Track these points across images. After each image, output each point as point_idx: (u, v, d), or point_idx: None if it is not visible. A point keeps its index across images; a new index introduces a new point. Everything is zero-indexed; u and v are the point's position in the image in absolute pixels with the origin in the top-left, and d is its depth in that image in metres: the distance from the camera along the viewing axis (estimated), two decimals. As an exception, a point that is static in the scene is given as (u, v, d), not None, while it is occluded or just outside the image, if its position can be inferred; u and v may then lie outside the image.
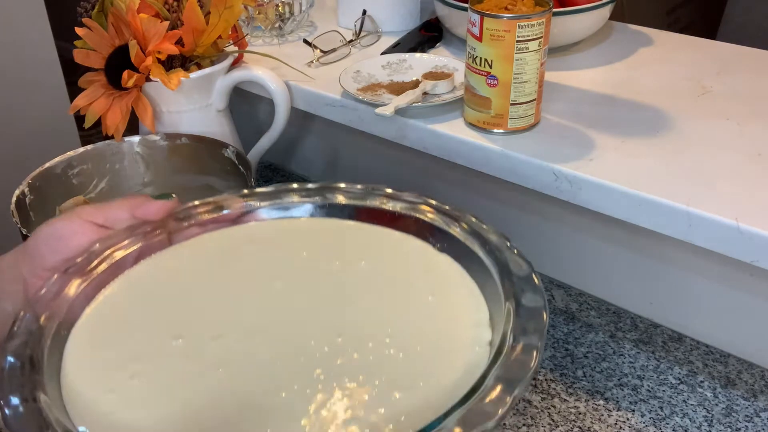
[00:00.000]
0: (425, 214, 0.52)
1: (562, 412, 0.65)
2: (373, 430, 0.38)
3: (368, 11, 0.92)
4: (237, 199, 0.54)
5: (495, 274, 0.45)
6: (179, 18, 0.74)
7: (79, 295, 0.46)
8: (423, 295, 0.47)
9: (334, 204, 0.54)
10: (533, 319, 0.41)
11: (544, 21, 0.64)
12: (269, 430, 0.39)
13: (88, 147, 0.76)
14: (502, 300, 0.43)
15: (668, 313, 0.74)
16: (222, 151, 0.76)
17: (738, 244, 0.56)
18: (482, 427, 0.35)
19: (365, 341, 0.43)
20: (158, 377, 0.42)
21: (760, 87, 0.76)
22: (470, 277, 0.48)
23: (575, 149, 0.66)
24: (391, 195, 0.54)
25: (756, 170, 0.62)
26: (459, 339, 0.44)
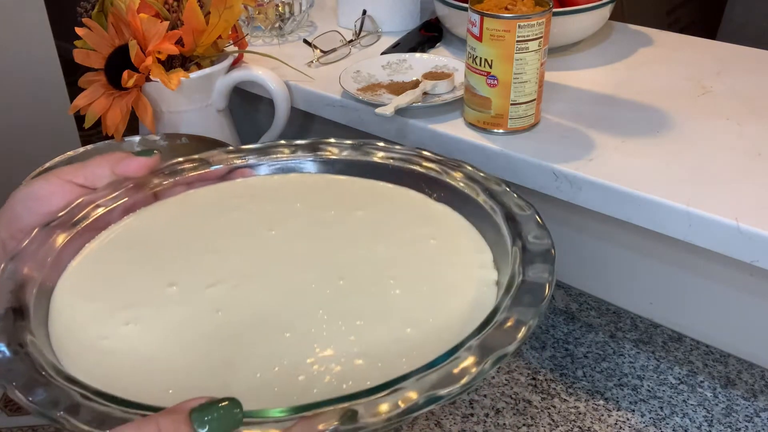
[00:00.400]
0: (420, 164, 0.50)
1: (562, 412, 0.65)
2: (386, 364, 0.37)
3: (368, 11, 0.92)
4: (224, 155, 0.52)
5: (499, 217, 0.44)
6: (179, 18, 0.74)
7: (63, 248, 0.44)
8: (424, 239, 0.46)
9: (326, 159, 0.52)
10: (541, 255, 0.40)
11: (544, 21, 0.64)
12: (276, 368, 0.37)
13: (88, 147, 0.76)
14: (508, 242, 0.42)
15: (668, 313, 0.74)
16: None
17: (738, 244, 0.56)
18: (502, 351, 0.34)
19: (369, 283, 0.42)
20: (154, 322, 0.41)
21: (760, 87, 0.76)
22: (471, 224, 0.47)
23: (575, 149, 0.66)
24: (384, 148, 0.52)
25: (756, 170, 0.62)
26: (465, 279, 0.43)
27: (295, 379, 0.37)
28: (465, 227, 0.47)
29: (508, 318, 0.36)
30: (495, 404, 0.66)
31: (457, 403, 0.66)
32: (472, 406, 0.66)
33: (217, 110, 0.81)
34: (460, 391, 0.32)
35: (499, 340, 0.35)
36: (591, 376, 0.68)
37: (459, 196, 0.48)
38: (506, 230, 0.43)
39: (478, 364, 0.33)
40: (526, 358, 0.71)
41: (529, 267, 0.39)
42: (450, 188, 0.49)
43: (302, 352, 0.38)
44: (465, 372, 0.33)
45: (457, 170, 0.49)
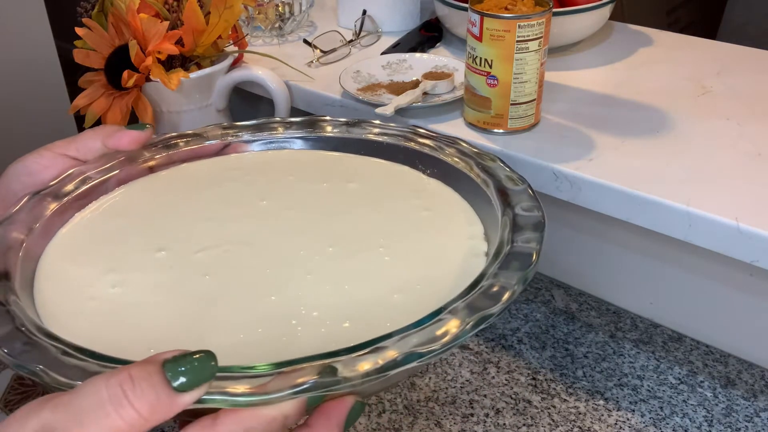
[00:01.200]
0: (414, 141, 0.51)
1: (562, 412, 0.65)
2: (371, 327, 0.37)
3: (368, 11, 0.92)
4: (218, 130, 0.53)
5: (491, 190, 0.45)
6: (179, 18, 0.74)
7: (53, 215, 0.44)
8: (415, 210, 0.47)
9: (320, 136, 0.53)
10: (532, 225, 0.40)
11: (544, 21, 0.64)
12: (260, 329, 0.38)
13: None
14: (498, 214, 0.42)
15: (668, 313, 0.74)
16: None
17: (738, 244, 0.56)
18: (487, 311, 0.34)
19: (358, 250, 0.43)
20: (141, 285, 0.41)
21: (760, 87, 0.76)
22: (463, 198, 0.48)
23: (575, 149, 0.66)
24: (378, 125, 0.52)
25: (756, 170, 0.62)
26: (455, 249, 0.43)
27: (279, 340, 0.37)
28: (457, 201, 0.48)
29: (493, 284, 0.36)
30: (495, 404, 0.66)
31: (457, 403, 0.66)
32: (472, 406, 0.66)
33: (217, 110, 0.81)
34: (441, 350, 0.33)
35: (484, 303, 0.35)
36: (591, 376, 0.68)
37: (452, 171, 0.48)
38: (497, 202, 0.44)
39: (461, 326, 0.34)
40: (526, 358, 0.71)
41: (519, 236, 0.40)
42: (443, 164, 0.49)
43: (287, 314, 0.39)
44: (447, 333, 0.33)
45: (452, 146, 0.50)
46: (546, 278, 0.82)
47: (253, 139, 0.53)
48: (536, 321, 0.76)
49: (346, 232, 0.44)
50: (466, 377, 0.69)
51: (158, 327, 0.38)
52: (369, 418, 0.65)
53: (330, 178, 0.50)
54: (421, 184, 0.50)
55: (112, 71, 0.74)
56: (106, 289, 0.41)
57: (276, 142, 0.54)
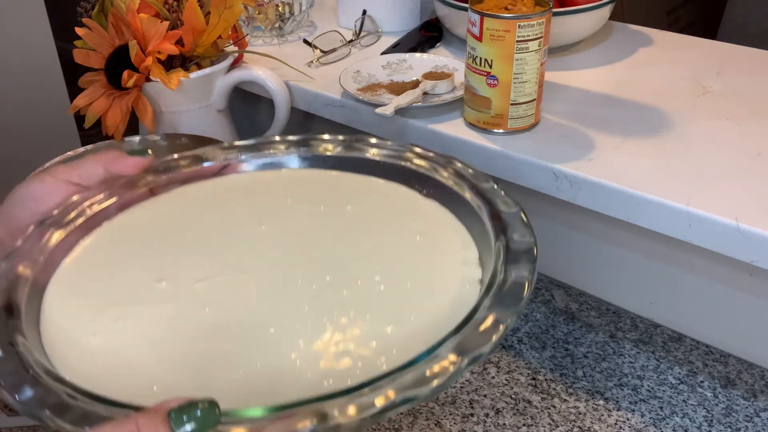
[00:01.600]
0: (411, 161, 0.51)
1: (562, 412, 0.65)
2: (366, 362, 0.38)
3: (368, 11, 0.92)
4: (217, 151, 0.53)
5: (484, 214, 0.45)
6: (179, 18, 0.74)
7: (57, 245, 0.45)
8: (411, 235, 0.47)
9: (318, 155, 0.53)
10: (524, 254, 0.41)
11: (544, 21, 0.64)
12: (259, 364, 0.38)
13: (88, 147, 0.76)
14: (492, 239, 0.43)
15: (668, 313, 0.74)
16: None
17: (738, 244, 0.56)
18: (477, 351, 0.35)
19: (354, 279, 0.43)
20: (143, 319, 0.41)
21: (760, 87, 0.76)
22: (458, 220, 0.48)
23: (575, 149, 0.66)
24: (375, 144, 0.53)
25: (756, 170, 0.62)
26: (449, 276, 0.43)
27: (277, 376, 0.38)
28: (452, 223, 0.48)
29: (486, 317, 0.37)
30: (495, 404, 0.66)
31: (457, 403, 0.66)
32: (472, 406, 0.66)
33: (217, 110, 0.81)
34: (434, 392, 0.33)
35: (477, 340, 0.35)
36: (591, 376, 0.68)
37: (447, 192, 0.49)
38: (491, 228, 0.44)
39: (454, 365, 0.34)
40: (526, 358, 0.71)
41: (512, 266, 0.40)
42: (439, 185, 0.50)
43: (285, 349, 0.39)
44: (441, 372, 0.34)
45: (447, 167, 0.50)
46: (546, 278, 0.82)
47: (252, 158, 0.54)
48: (536, 321, 0.76)
49: (343, 260, 0.45)
50: (466, 377, 0.69)
51: (159, 365, 0.39)
52: (369, 418, 0.65)
53: (327, 201, 0.50)
54: (417, 205, 0.50)
55: (112, 71, 0.74)
56: (109, 324, 0.41)
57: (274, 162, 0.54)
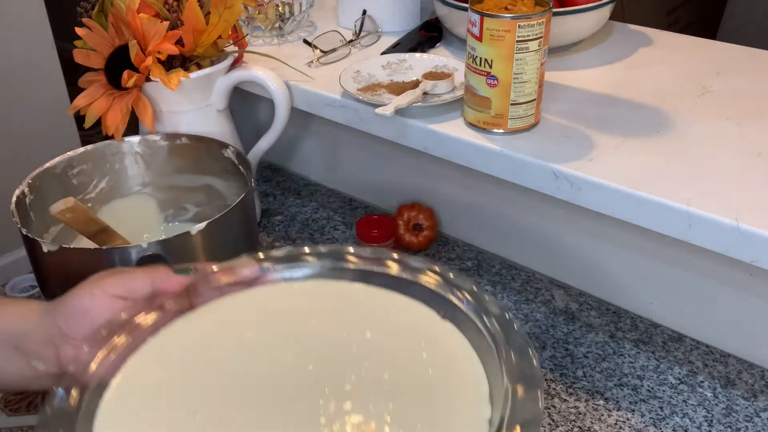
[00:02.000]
0: (429, 281, 0.53)
1: (562, 412, 0.65)
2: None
3: (368, 11, 0.92)
4: (252, 262, 0.56)
5: (494, 351, 0.46)
6: (179, 18, 0.74)
7: (106, 367, 0.48)
8: (424, 368, 0.48)
9: (344, 268, 0.56)
10: (530, 403, 0.41)
11: (544, 21, 0.64)
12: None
13: (88, 147, 0.76)
14: (503, 377, 0.44)
15: (668, 313, 0.74)
16: (222, 151, 0.75)
17: (738, 244, 0.56)
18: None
19: (369, 418, 0.45)
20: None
21: (760, 87, 0.76)
22: (472, 347, 0.49)
23: (575, 149, 0.66)
24: (398, 260, 0.55)
25: (756, 170, 0.62)
26: (458, 415, 0.44)
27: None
28: (465, 352, 0.49)
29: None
30: (495, 404, 0.66)
31: (457, 403, 0.66)
32: (472, 406, 0.66)
33: (217, 110, 0.81)
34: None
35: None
36: (591, 376, 0.68)
37: (463, 317, 0.50)
38: (500, 366, 0.45)
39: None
40: (526, 358, 0.71)
41: (518, 417, 0.41)
42: (455, 308, 0.51)
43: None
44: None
45: (462, 289, 0.51)
46: (546, 278, 0.82)
47: (284, 268, 0.57)
48: (536, 321, 0.76)
49: (360, 395, 0.47)
50: (466, 377, 0.69)
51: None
52: (369, 418, 0.65)
53: (349, 326, 0.53)
54: (435, 331, 0.51)
55: (112, 71, 0.74)
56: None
57: (304, 272, 0.57)
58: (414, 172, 0.89)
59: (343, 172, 0.99)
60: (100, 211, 0.77)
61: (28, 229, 0.66)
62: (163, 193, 0.80)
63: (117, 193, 0.78)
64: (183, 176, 0.79)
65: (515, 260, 0.85)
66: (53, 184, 0.73)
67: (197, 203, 0.81)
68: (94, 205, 0.77)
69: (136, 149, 0.78)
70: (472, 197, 0.85)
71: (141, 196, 0.80)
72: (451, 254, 0.86)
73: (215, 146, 0.76)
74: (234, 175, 0.75)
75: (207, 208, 0.81)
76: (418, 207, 0.86)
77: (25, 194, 0.69)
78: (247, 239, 0.71)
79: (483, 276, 0.82)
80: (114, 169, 0.78)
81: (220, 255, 0.62)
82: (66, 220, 0.65)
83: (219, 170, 0.77)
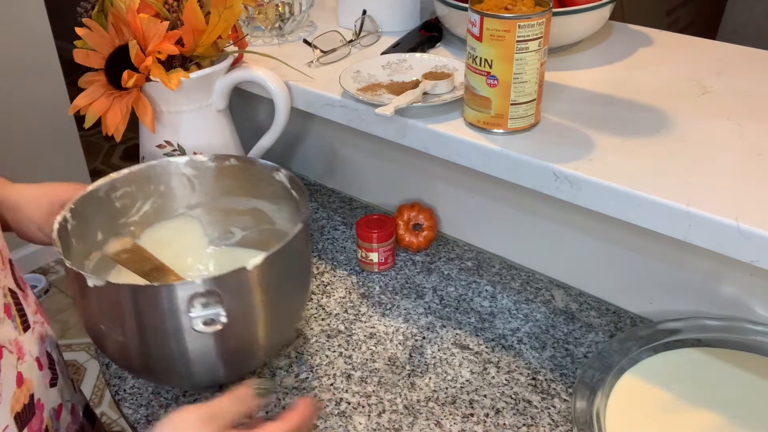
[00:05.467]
0: None
1: (562, 412, 0.65)
2: None
3: (368, 11, 0.92)
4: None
5: None
6: (179, 18, 0.74)
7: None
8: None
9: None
10: None
11: (544, 21, 0.64)
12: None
13: (133, 168, 0.72)
14: None
15: (668, 313, 0.74)
16: (273, 174, 0.71)
17: (738, 244, 0.56)
18: None
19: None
20: None
21: (760, 87, 0.76)
22: None
23: (575, 149, 0.66)
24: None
25: (756, 170, 0.62)
26: None
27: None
28: None
29: None
30: (495, 404, 0.66)
31: (457, 403, 0.66)
32: (472, 406, 0.66)
33: (217, 110, 0.81)
34: None
35: None
36: (591, 376, 0.68)
37: None
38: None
39: None
40: (526, 358, 0.71)
41: None
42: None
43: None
44: None
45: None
46: (546, 278, 0.82)
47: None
48: (536, 321, 0.76)
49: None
50: (466, 377, 0.69)
51: None
52: (369, 418, 0.65)
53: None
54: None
55: (112, 71, 0.74)
56: None
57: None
58: (414, 172, 0.89)
59: (343, 172, 0.99)
60: (143, 234, 0.74)
61: (70, 256, 0.63)
62: (209, 216, 0.77)
63: (161, 216, 0.75)
64: (231, 199, 0.76)
65: (515, 260, 0.85)
66: (95, 208, 0.69)
67: (244, 227, 0.78)
68: (136, 229, 0.74)
69: (183, 170, 0.74)
70: (472, 197, 0.85)
71: (185, 218, 0.77)
72: (451, 254, 0.86)
73: (266, 168, 0.71)
74: (285, 199, 0.71)
75: (253, 232, 0.77)
76: (418, 207, 0.86)
77: (67, 220, 0.65)
78: (303, 272, 0.67)
79: (483, 276, 0.83)
80: (159, 191, 0.74)
81: (276, 289, 0.60)
82: (122, 261, 0.63)
83: (269, 194, 0.73)
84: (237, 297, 0.58)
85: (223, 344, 0.59)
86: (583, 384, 0.62)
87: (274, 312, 0.62)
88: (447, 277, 0.83)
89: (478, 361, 0.71)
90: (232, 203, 0.76)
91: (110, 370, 0.72)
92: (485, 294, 0.80)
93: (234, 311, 0.58)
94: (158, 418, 0.66)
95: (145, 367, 0.62)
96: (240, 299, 0.59)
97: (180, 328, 0.57)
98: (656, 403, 0.61)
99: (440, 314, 0.77)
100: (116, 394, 0.69)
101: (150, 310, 0.57)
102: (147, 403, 0.68)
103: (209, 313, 0.57)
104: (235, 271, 0.57)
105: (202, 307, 0.57)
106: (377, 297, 0.80)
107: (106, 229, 0.71)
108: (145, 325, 0.58)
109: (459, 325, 0.76)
